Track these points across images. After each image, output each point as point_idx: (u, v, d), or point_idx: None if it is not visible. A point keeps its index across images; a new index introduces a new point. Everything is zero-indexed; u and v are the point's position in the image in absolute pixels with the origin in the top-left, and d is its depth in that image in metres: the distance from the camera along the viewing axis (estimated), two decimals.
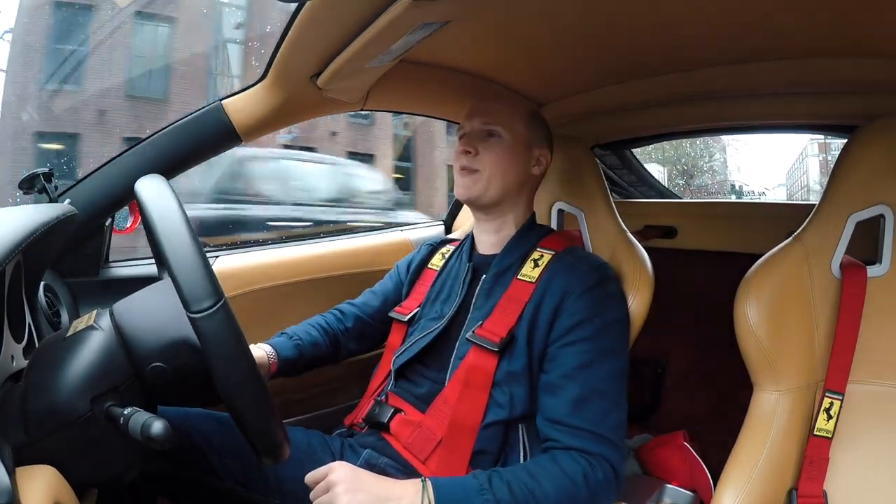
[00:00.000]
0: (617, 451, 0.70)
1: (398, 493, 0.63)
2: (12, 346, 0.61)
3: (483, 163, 0.84)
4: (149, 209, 0.54)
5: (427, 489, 0.63)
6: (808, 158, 6.16)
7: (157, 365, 0.55)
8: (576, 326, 0.75)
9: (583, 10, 0.79)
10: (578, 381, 0.72)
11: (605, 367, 0.74)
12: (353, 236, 1.43)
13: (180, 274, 0.49)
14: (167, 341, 0.56)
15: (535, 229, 0.90)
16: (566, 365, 0.73)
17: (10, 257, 0.51)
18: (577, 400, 0.71)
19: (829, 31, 0.79)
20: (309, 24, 0.71)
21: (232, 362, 0.50)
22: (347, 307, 1.02)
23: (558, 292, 0.77)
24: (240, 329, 0.51)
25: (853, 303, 0.73)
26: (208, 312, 0.48)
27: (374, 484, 0.64)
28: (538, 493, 0.65)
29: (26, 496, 0.45)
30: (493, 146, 0.85)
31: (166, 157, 0.93)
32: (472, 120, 0.88)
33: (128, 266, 1.06)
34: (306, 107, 0.96)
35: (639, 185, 1.68)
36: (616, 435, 0.71)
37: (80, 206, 0.85)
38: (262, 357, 0.85)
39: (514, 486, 0.64)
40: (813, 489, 0.70)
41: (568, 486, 0.66)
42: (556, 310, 0.76)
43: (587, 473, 0.67)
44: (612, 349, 0.76)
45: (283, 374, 0.90)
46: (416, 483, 0.64)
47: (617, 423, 0.72)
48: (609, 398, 0.72)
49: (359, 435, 0.87)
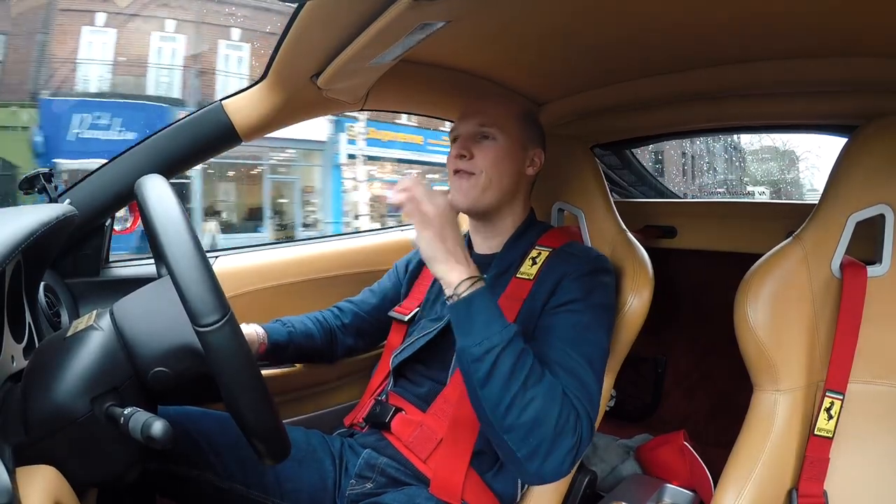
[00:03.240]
0: (588, 423, 0.66)
1: (452, 268, 0.66)
2: (12, 346, 0.61)
3: (479, 165, 0.83)
4: (149, 209, 0.54)
5: (475, 287, 0.65)
6: None
7: (161, 370, 0.56)
8: (566, 303, 0.75)
9: (583, 10, 0.79)
10: (560, 348, 0.70)
11: (588, 342, 0.72)
12: (353, 236, 1.43)
13: (187, 287, 0.49)
14: (170, 347, 0.56)
15: (533, 227, 0.90)
16: (552, 334, 0.73)
17: (10, 257, 0.50)
18: (559, 362, 0.69)
19: (828, 31, 0.79)
20: (309, 24, 0.71)
21: (239, 375, 0.50)
22: (345, 304, 1.03)
23: (555, 278, 0.78)
24: (245, 341, 0.52)
25: (853, 303, 0.73)
26: (216, 326, 0.49)
27: (453, 244, 0.67)
28: (533, 377, 0.63)
29: (26, 496, 0.45)
30: (487, 148, 0.84)
31: (166, 157, 0.93)
32: (465, 122, 0.87)
33: (128, 266, 1.06)
34: (306, 107, 0.96)
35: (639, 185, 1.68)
36: (592, 410, 0.67)
37: (80, 206, 0.85)
38: (252, 335, 0.86)
39: (524, 355, 0.64)
40: (813, 489, 0.70)
41: (554, 394, 0.64)
42: (552, 292, 0.77)
43: (567, 394, 0.65)
44: (596, 327, 0.74)
45: (272, 359, 0.91)
46: (473, 277, 0.66)
47: (593, 392, 0.69)
48: (588, 372, 0.69)
49: (359, 435, 0.87)
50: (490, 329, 0.63)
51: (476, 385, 0.64)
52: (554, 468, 0.63)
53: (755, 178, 5.21)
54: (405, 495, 0.75)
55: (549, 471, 0.64)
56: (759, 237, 1.09)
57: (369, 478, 0.80)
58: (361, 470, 0.81)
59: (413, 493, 0.76)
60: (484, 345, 0.63)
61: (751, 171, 5.26)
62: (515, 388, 0.62)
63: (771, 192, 5.10)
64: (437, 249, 0.66)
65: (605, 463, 1.24)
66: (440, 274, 0.67)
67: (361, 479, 0.80)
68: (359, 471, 0.81)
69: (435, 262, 0.67)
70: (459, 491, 0.74)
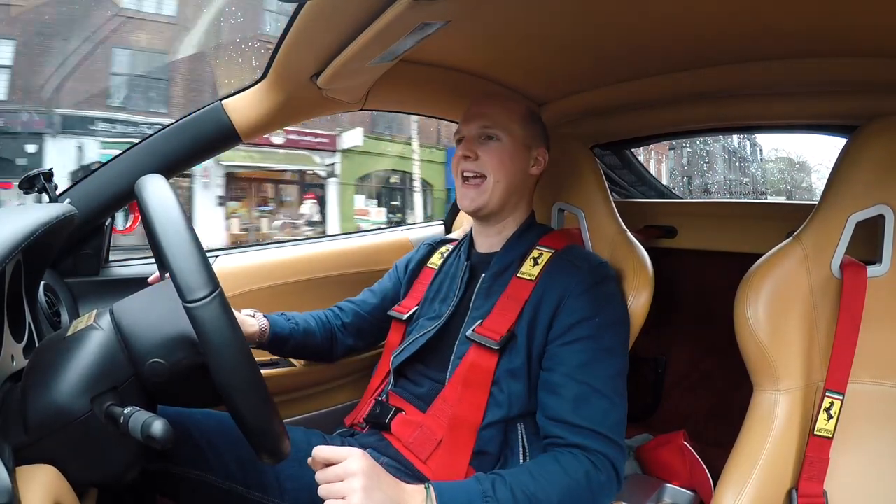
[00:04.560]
0: (618, 449, 0.70)
1: (406, 500, 0.60)
2: (12, 346, 0.61)
3: (485, 167, 0.84)
4: (149, 209, 0.54)
5: (430, 496, 0.61)
6: None
7: (156, 361, 0.55)
8: (575, 325, 0.75)
9: (583, 10, 0.79)
10: (578, 379, 0.72)
11: (605, 367, 0.74)
12: (353, 236, 1.43)
13: (176, 264, 0.49)
14: (164, 337, 0.56)
15: (534, 228, 0.90)
16: (566, 364, 0.74)
17: (10, 257, 0.50)
18: (578, 398, 0.71)
19: (828, 31, 0.79)
20: (309, 24, 0.71)
21: (228, 350, 0.50)
22: (346, 304, 1.03)
23: (558, 291, 0.77)
24: (235, 319, 0.51)
25: (853, 303, 0.73)
26: (204, 302, 0.49)
27: (390, 486, 0.60)
28: (541, 495, 0.64)
29: (26, 496, 0.45)
30: (492, 149, 0.85)
31: (166, 157, 0.93)
32: (469, 124, 0.87)
33: (128, 266, 1.06)
34: (306, 107, 0.96)
35: (639, 185, 1.68)
36: (616, 433, 0.71)
37: (80, 206, 0.85)
38: (255, 324, 0.87)
39: (516, 490, 0.64)
40: (813, 489, 0.70)
41: (571, 486, 0.66)
42: (556, 308, 0.77)
43: (589, 472, 0.67)
44: (610, 349, 0.76)
45: (272, 350, 0.92)
46: (421, 490, 0.62)
47: (617, 421, 0.72)
48: (609, 397, 0.72)
49: (359, 435, 0.87)
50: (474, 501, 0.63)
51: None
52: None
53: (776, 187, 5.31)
54: None
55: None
56: (759, 237, 1.09)
57: None
58: None
59: None
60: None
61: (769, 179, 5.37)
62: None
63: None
64: (385, 498, 0.58)
65: None
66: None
67: None
68: None
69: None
70: None
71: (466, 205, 0.86)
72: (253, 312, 0.90)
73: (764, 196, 5.17)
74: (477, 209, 0.86)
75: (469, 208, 0.86)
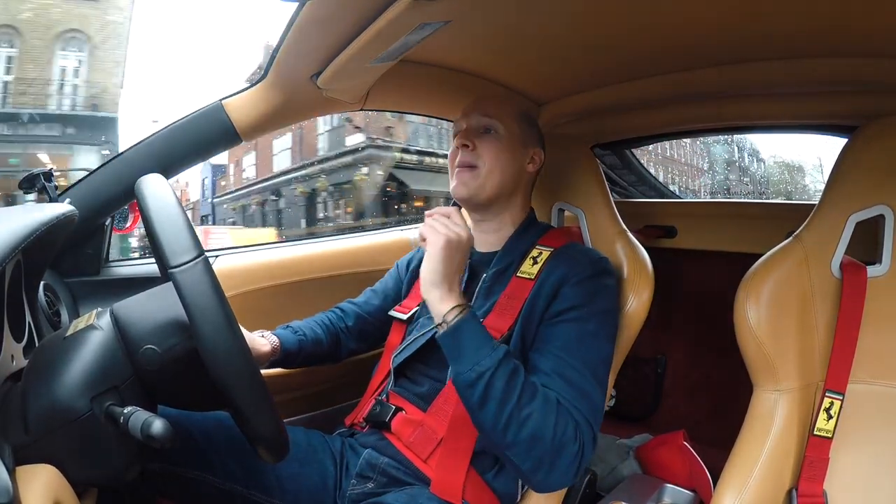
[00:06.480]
0: (589, 430, 0.67)
1: (445, 296, 0.67)
2: (12, 345, 0.61)
3: (481, 157, 0.85)
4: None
5: (457, 316, 0.66)
6: None
7: (149, 348, 0.55)
8: (565, 311, 0.75)
9: (582, 11, 0.79)
10: (557, 355, 0.71)
11: (586, 349, 0.72)
12: (353, 236, 1.43)
13: (161, 231, 0.50)
14: (157, 323, 0.57)
15: (533, 227, 0.90)
16: (549, 342, 0.73)
17: (10, 257, 0.50)
18: (555, 372, 0.70)
19: (828, 31, 0.79)
20: (309, 24, 0.71)
21: (212, 314, 0.50)
22: (348, 306, 1.02)
23: (556, 281, 0.78)
24: (220, 285, 0.51)
25: (853, 303, 0.73)
26: (188, 265, 0.49)
27: (454, 271, 0.69)
28: (525, 411, 0.63)
29: (26, 496, 0.45)
30: (490, 141, 0.85)
31: (166, 157, 0.93)
32: (470, 116, 0.88)
33: (128, 266, 1.06)
34: (306, 107, 0.96)
35: (639, 185, 1.68)
36: (593, 417, 0.68)
37: (80, 206, 0.85)
38: (265, 343, 0.87)
39: (513, 381, 0.64)
40: (813, 489, 0.70)
41: (548, 421, 0.64)
42: (552, 296, 0.77)
43: (566, 423, 0.65)
44: (595, 333, 0.75)
45: (285, 365, 0.92)
46: (461, 304, 0.67)
47: (594, 407, 0.69)
48: (588, 381, 0.70)
49: (360, 434, 0.87)
50: (479, 353, 0.65)
51: (473, 408, 0.66)
52: (559, 477, 0.66)
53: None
54: (407, 495, 0.75)
55: (554, 480, 0.66)
56: (759, 237, 1.09)
57: (370, 478, 0.80)
58: (362, 470, 0.81)
59: (414, 493, 0.76)
60: (475, 369, 0.64)
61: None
62: (510, 407, 0.63)
63: None
64: (437, 271, 0.68)
65: (605, 463, 1.24)
66: (431, 300, 0.68)
67: (362, 479, 0.80)
68: (360, 470, 0.81)
69: (431, 285, 0.68)
70: (460, 491, 0.74)
71: (460, 190, 0.85)
72: (262, 333, 0.89)
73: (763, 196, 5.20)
74: (470, 196, 0.85)
75: (463, 194, 0.85)
